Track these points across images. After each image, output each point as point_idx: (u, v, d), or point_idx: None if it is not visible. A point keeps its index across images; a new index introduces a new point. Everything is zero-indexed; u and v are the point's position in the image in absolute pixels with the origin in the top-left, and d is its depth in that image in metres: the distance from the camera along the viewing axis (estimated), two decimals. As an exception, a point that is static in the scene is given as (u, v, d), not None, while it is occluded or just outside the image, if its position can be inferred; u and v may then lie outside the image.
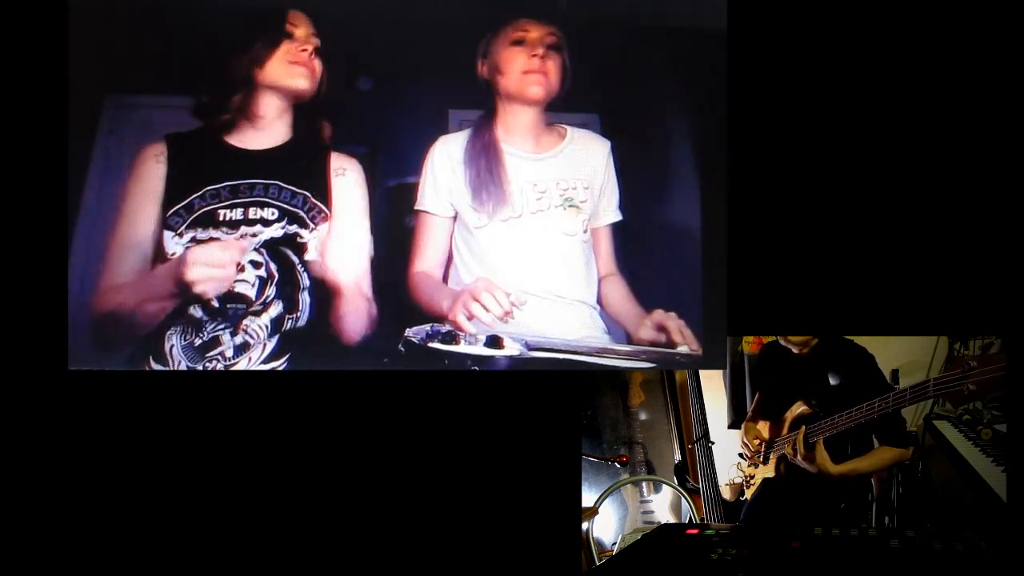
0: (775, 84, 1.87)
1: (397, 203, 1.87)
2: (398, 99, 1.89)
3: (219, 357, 1.70)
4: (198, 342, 1.70)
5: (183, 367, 1.69)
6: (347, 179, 1.79)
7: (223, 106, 1.75)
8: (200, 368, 1.69)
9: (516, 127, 1.85)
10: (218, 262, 1.62)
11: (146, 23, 1.78)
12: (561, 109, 1.87)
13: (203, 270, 1.60)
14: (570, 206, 1.85)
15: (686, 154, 1.91)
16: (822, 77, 1.87)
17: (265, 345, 1.72)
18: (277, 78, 1.75)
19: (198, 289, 1.61)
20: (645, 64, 1.92)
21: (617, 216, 1.90)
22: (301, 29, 1.76)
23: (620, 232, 1.92)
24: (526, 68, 1.80)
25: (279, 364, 1.73)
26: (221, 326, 1.70)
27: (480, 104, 1.86)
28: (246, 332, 1.70)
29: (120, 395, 1.75)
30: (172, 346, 1.69)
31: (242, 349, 1.71)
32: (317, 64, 1.77)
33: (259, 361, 1.72)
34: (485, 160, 1.82)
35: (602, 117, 1.94)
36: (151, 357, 1.70)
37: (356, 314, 1.73)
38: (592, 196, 1.87)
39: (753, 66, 1.87)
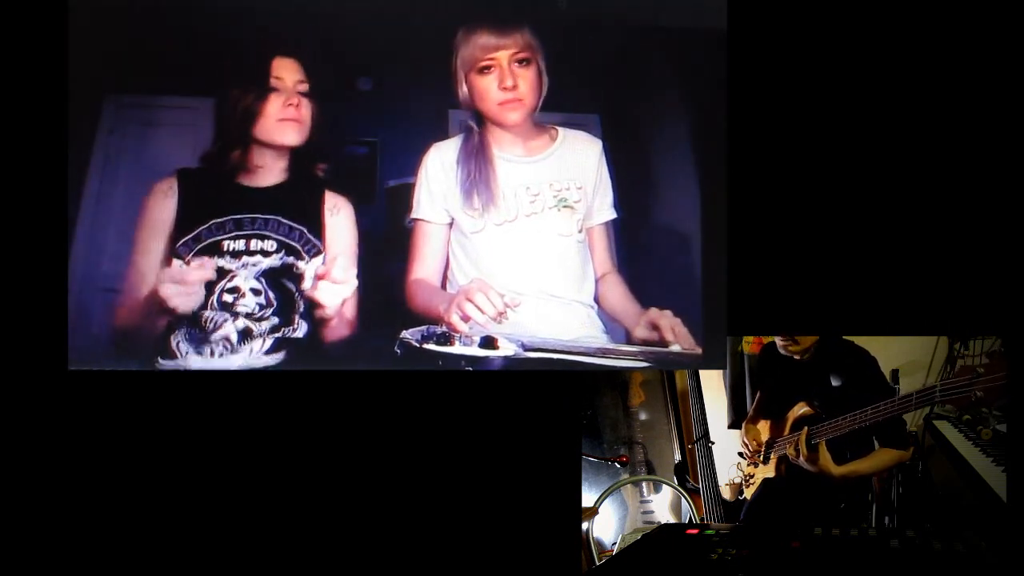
0: (775, 84, 1.87)
1: (397, 203, 1.87)
2: (398, 99, 1.89)
3: (225, 342, 1.73)
4: (202, 334, 1.73)
5: (190, 356, 1.72)
6: (340, 217, 1.83)
7: (225, 158, 1.80)
8: (207, 352, 1.72)
9: (504, 136, 1.85)
10: (183, 280, 1.72)
11: (146, 23, 1.78)
12: (560, 109, 1.87)
13: (172, 287, 1.71)
14: (564, 207, 1.85)
15: (686, 154, 1.91)
16: (822, 77, 1.87)
17: (265, 339, 1.74)
18: (269, 136, 1.79)
19: (171, 304, 1.71)
20: (644, 64, 1.92)
21: (611, 214, 1.90)
22: (287, 78, 1.78)
23: (620, 232, 1.92)
24: (499, 100, 1.79)
25: (279, 355, 1.74)
26: (221, 317, 1.74)
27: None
28: (247, 323, 1.75)
29: (120, 395, 1.75)
30: (179, 342, 1.73)
31: (245, 335, 1.74)
32: (307, 113, 1.79)
33: (260, 352, 1.74)
34: (475, 163, 1.82)
35: (602, 117, 1.94)
36: (159, 356, 1.73)
37: (342, 339, 1.77)
38: (585, 196, 1.87)
39: (753, 66, 1.87)
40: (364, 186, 1.88)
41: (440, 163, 1.84)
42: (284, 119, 1.78)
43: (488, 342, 1.70)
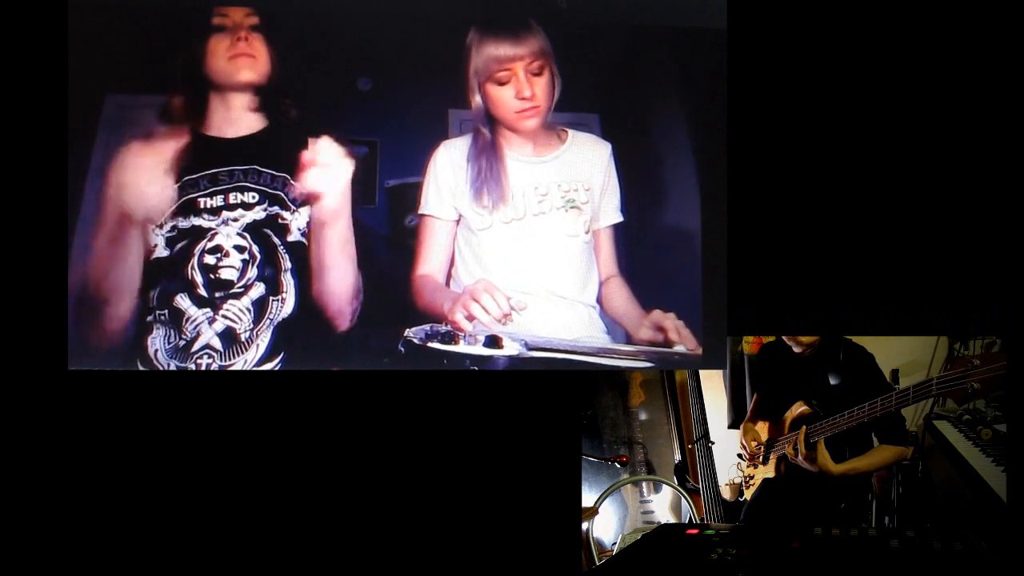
0: (775, 84, 1.87)
1: (397, 203, 1.87)
2: (398, 99, 1.89)
3: (208, 350, 1.70)
4: (182, 343, 1.70)
5: (172, 369, 1.70)
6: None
7: (185, 109, 1.75)
8: (191, 367, 1.69)
9: (515, 136, 1.85)
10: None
11: (148, 23, 1.78)
12: (560, 109, 1.86)
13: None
14: (572, 207, 1.85)
15: (686, 154, 1.91)
16: (822, 77, 1.87)
17: (258, 346, 1.72)
18: (225, 76, 1.75)
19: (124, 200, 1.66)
20: (645, 64, 1.92)
21: (618, 217, 1.90)
22: (232, 16, 1.74)
23: (621, 233, 1.92)
24: (518, 108, 1.79)
25: (274, 365, 1.73)
26: (202, 317, 1.70)
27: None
28: (226, 317, 1.70)
29: (120, 395, 1.75)
30: (156, 350, 1.70)
31: (228, 338, 1.70)
32: (260, 46, 1.75)
33: (254, 363, 1.72)
34: (486, 161, 1.82)
35: (602, 117, 1.94)
36: (138, 361, 1.71)
37: (340, 289, 1.73)
38: (593, 198, 1.87)
39: (753, 66, 1.87)
40: (364, 186, 1.87)
41: (449, 160, 1.84)
42: (235, 55, 1.73)
43: (492, 341, 1.70)
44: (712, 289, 1.84)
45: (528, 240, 1.82)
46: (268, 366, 1.73)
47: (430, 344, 1.71)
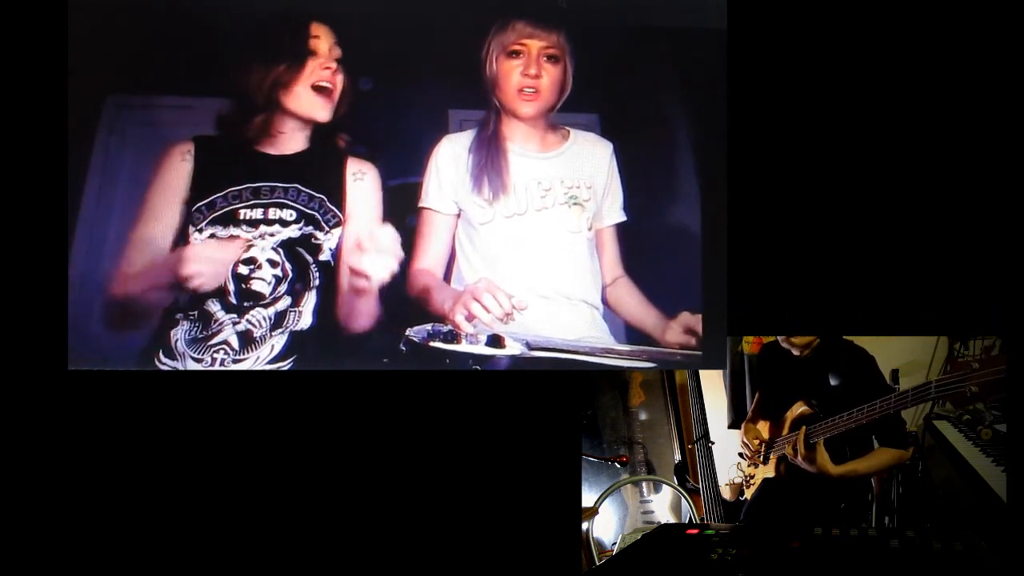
0: (775, 84, 1.87)
1: (398, 203, 1.87)
2: (398, 99, 1.90)
3: (224, 347, 1.72)
4: (202, 335, 1.72)
5: (188, 359, 1.71)
6: (364, 183, 1.83)
7: (246, 123, 1.78)
8: (207, 359, 1.71)
9: (518, 129, 1.86)
10: (212, 259, 1.72)
11: (147, 23, 1.78)
12: (561, 109, 1.87)
13: (198, 266, 1.71)
14: (575, 204, 1.85)
15: (686, 154, 1.91)
16: (822, 77, 1.88)
17: (273, 346, 1.73)
18: (299, 106, 1.78)
19: (193, 284, 1.71)
20: (645, 64, 1.92)
21: (621, 217, 1.91)
22: (323, 42, 1.78)
23: (622, 233, 1.92)
24: (519, 86, 1.81)
25: (285, 365, 1.74)
26: (227, 320, 1.73)
27: (480, 105, 1.87)
28: (248, 321, 1.73)
29: (120, 395, 1.75)
30: (177, 340, 1.72)
31: (245, 339, 1.73)
32: (339, 81, 1.79)
33: (266, 361, 1.73)
34: (487, 151, 1.83)
35: (602, 117, 1.95)
36: (160, 352, 1.72)
37: (365, 311, 1.75)
38: (595, 196, 1.88)
39: (753, 66, 1.87)
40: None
41: (452, 152, 1.85)
42: (318, 87, 1.77)
43: (495, 341, 1.71)
44: (712, 289, 1.84)
45: (530, 236, 1.83)
46: (279, 366, 1.74)
47: (432, 344, 1.71)
